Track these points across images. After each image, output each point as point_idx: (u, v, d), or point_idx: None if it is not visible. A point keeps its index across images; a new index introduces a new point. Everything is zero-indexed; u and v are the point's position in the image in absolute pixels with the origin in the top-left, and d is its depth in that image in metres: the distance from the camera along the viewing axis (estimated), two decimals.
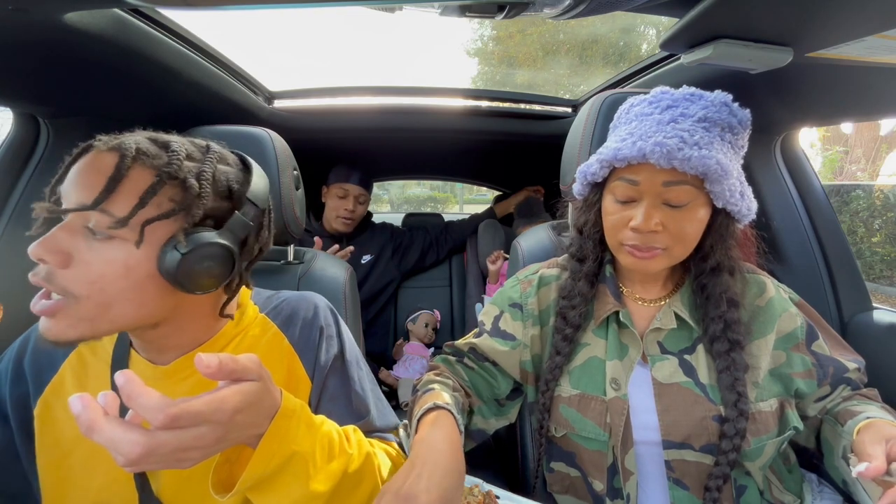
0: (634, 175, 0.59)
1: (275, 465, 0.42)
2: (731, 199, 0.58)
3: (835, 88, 0.80)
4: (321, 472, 0.45)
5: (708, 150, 0.55)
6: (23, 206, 0.85)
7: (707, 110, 0.58)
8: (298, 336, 0.61)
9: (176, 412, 0.34)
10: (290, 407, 0.45)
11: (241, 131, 0.87)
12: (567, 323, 0.69)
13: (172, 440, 0.35)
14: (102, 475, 0.51)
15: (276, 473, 0.43)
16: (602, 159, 0.62)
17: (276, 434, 0.42)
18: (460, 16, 0.59)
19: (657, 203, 0.59)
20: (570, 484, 0.71)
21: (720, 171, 0.55)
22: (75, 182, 0.45)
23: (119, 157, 0.45)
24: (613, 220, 0.63)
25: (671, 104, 0.60)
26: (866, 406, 0.62)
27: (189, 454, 0.36)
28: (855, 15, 0.52)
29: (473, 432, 0.72)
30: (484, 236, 1.84)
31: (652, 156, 0.56)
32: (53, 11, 0.58)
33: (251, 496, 0.44)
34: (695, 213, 0.59)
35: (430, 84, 2.49)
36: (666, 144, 0.55)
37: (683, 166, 0.55)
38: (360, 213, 1.65)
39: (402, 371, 1.61)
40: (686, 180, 0.57)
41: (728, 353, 0.62)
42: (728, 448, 0.59)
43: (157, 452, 0.34)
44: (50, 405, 0.53)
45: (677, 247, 0.60)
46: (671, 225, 0.59)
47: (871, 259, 5.65)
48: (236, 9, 0.54)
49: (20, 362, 0.55)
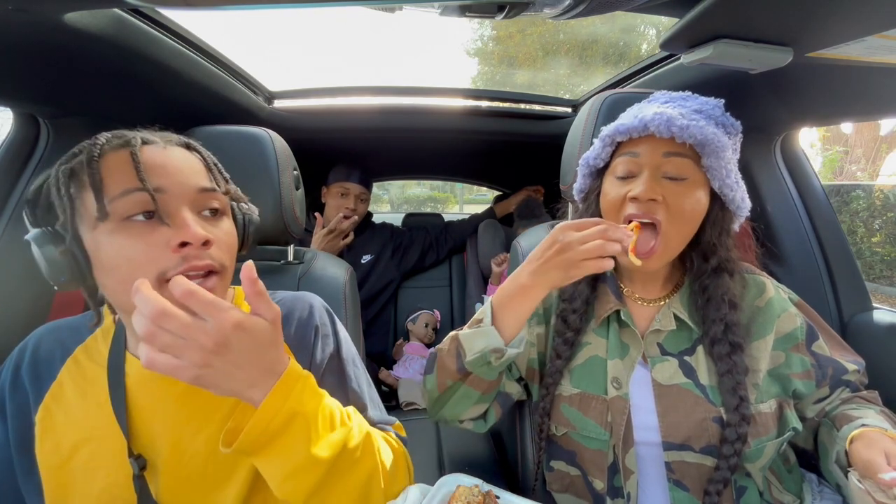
0: (635, 147, 0.63)
1: (279, 422, 0.44)
2: (727, 179, 0.59)
3: (835, 88, 0.80)
4: (322, 439, 0.46)
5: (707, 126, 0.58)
6: (23, 206, 0.85)
7: (701, 105, 0.62)
8: (294, 335, 0.61)
9: (191, 287, 0.40)
10: (297, 370, 0.47)
11: (241, 131, 0.87)
12: (568, 326, 0.70)
13: (175, 314, 0.39)
14: (103, 479, 0.51)
15: (280, 432, 0.44)
16: (604, 136, 0.66)
17: (281, 391, 0.44)
18: (460, 16, 0.59)
19: (657, 175, 0.61)
20: (570, 483, 0.71)
21: (717, 142, 0.57)
22: (170, 172, 0.49)
23: (188, 148, 0.53)
24: (612, 197, 0.64)
25: (668, 100, 0.65)
26: (864, 411, 0.62)
27: (189, 347, 0.39)
28: (855, 15, 0.52)
29: (500, 395, 0.73)
30: (484, 236, 1.84)
31: (652, 123, 0.59)
32: (53, 11, 0.58)
33: (255, 461, 0.46)
34: (693, 190, 0.60)
35: (430, 84, 2.48)
36: (666, 113, 0.59)
37: (682, 134, 0.58)
38: (361, 211, 1.65)
39: (402, 371, 1.61)
40: (685, 152, 0.60)
41: (729, 355, 0.62)
42: (729, 453, 0.59)
43: (163, 318, 0.38)
44: (51, 411, 0.53)
45: (673, 228, 0.60)
46: (670, 199, 0.60)
47: (871, 259, 5.65)
48: (236, 9, 0.54)
49: (18, 371, 0.55)
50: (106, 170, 0.46)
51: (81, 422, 0.52)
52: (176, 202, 0.48)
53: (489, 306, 0.63)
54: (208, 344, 0.40)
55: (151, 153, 0.49)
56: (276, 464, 0.45)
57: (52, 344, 0.56)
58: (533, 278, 0.59)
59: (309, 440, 0.45)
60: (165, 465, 0.52)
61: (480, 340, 0.61)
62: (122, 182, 0.46)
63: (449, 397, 0.68)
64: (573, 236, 0.56)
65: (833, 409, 0.65)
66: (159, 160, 0.49)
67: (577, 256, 0.55)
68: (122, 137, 0.49)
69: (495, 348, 0.60)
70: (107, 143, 0.48)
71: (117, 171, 0.46)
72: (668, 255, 0.63)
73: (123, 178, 0.46)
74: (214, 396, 0.52)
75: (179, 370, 0.40)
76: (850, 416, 0.61)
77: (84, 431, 0.52)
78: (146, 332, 0.39)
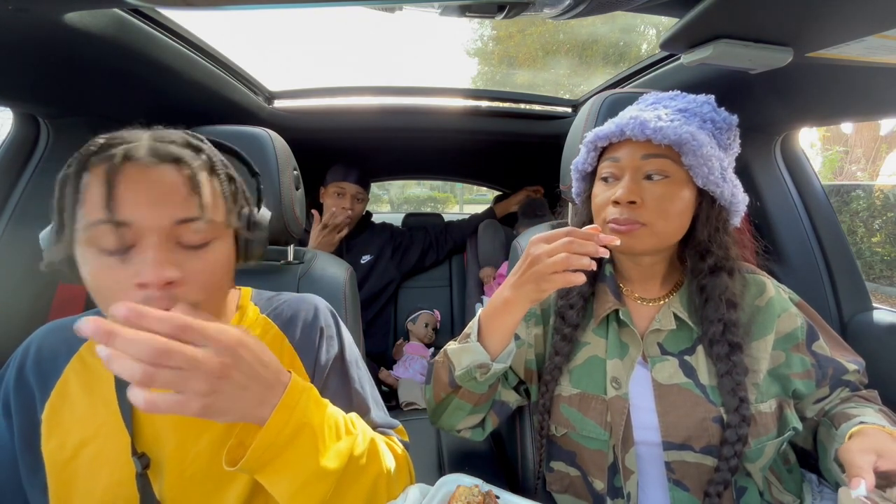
0: (616, 153, 0.64)
1: (286, 435, 0.43)
2: (710, 177, 0.59)
3: (835, 88, 0.80)
4: (329, 449, 0.46)
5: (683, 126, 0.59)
6: (23, 206, 0.85)
7: (688, 104, 0.63)
8: (299, 337, 0.61)
9: (185, 321, 0.37)
10: (300, 383, 0.46)
11: (241, 131, 0.87)
12: (566, 323, 0.70)
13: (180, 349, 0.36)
14: (107, 477, 0.51)
15: (287, 445, 0.43)
16: (586, 142, 0.67)
17: (287, 404, 0.44)
18: (460, 16, 0.59)
19: (638, 178, 0.62)
20: (570, 483, 0.71)
21: (692, 140, 0.57)
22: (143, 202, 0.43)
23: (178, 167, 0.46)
24: (598, 200, 0.65)
25: (655, 101, 0.66)
26: (863, 409, 0.62)
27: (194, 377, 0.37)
28: (855, 15, 0.52)
29: (497, 403, 0.73)
30: (484, 236, 1.84)
31: (627, 127, 0.61)
32: (53, 11, 0.58)
33: (261, 478, 0.44)
34: (675, 188, 0.61)
35: (430, 84, 2.49)
36: (639, 117, 0.60)
37: (657, 136, 0.59)
38: (358, 211, 1.65)
39: (402, 371, 1.61)
40: (663, 153, 0.60)
41: (728, 356, 0.62)
42: (730, 454, 0.59)
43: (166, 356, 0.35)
44: (57, 409, 0.53)
45: (659, 223, 0.61)
46: (651, 200, 0.60)
47: (871, 259, 5.65)
48: (236, 9, 0.55)
49: (22, 370, 0.55)
50: (88, 186, 0.44)
51: (87, 419, 0.52)
52: (146, 236, 0.44)
53: (477, 321, 0.64)
54: (214, 369, 0.38)
55: (129, 174, 0.44)
56: (285, 478, 0.44)
57: (56, 342, 0.56)
58: (513, 292, 0.59)
59: (317, 451, 0.45)
60: (169, 464, 0.52)
61: (467, 357, 0.62)
62: (94, 208, 0.43)
63: (444, 408, 0.69)
64: (541, 248, 0.56)
65: (832, 408, 0.66)
66: (133, 186, 0.44)
67: (546, 270, 0.54)
68: (109, 148, 0.45)
69: (481, 364, 0.60)
70: (95, 154, 0.45)
71: (95, 190, 0.43)
72: (654, 240, 0.62)
73: (96, 202, 0.43)
74: None
75: (186, 406, 0.37)
76: (848, 415, 0.61)
77: (90, 429, 0.52)
78: (143, 377, 0.34)
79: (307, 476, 0.45)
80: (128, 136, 0.47)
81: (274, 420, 0.42)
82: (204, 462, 0.52)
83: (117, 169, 0.43)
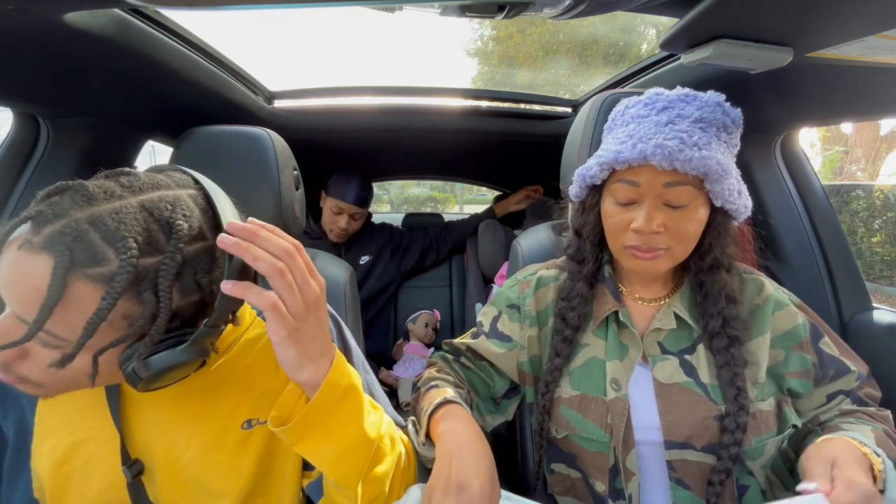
0: (635, 177, 0.59)
1: (339, 394, 0.46)
2: (729, 197, 0.59)
3: (835, 88, 0.80)
4: (368, 417, 0.48)
5: (707, 150, 0.56)
6: (23, 206, 0.85)
7: (702, 111, 0.59)
8: None
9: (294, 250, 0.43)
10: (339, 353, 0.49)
11: (241, 131, 0.87)
12: (566, 324, 0.69)
13: (304, 258, 0.43)
14: (100, 481, 0.51)
15: (339, 403, 0.46)
16: (602, 162, 0.62)
17: (339, 365, 0.47)
18: (460, 16, 0.59)
19: (658, 204, 0.59)
20: (572, 485, 0.70)
21: (720, 171, 0.56)
22: (6, 282, 0.38)
23: (53, 266, 0.36)
24: (615, 222, 0.63)
25: (667, 105, 0.60)
26: (860, 427, 0.59)
27: (296, 299, 0.42)
28: (855, 15, 0.52)
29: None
30: (484, 236, 1.84)
31: (653, 158, 0.56)
32: (53, 11, 0.58)
33: (308, 443, 0.45)
34: (695, 213, 0.59)
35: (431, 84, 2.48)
36: (667, 146, 0.55)
37: (685, 167, 0.55)
38: (353, 228, 1.67)
39: (402, 371, 1.61)
40: (687, 181, 0.57)
41: (727, 349, 0.62)
42: (729, 442, 0.59)
43: (293, 259, 0.42)
44: (48, 412, 0.52)
45: (679, 246, 0.61)
46: (672, 225, 0.59)
47: (871, 259, 5.64)
48: (236, 9, 0.54)
49: None
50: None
51: (78, 423, 0.52)
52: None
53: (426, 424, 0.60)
54: (311, 300, 0.42)
55: (15, 258, 0.38)
56: (331, 441, 0.46)
57: None
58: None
59: (361, 416, 0.47)
60: (160, 470, 0.52)
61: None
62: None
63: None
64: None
65: (829, 418, 0.65)
66: (11, 268, 0.38)
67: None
68: (17, 221, 0.39)
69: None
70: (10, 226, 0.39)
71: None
72: (673, 262, 0.63)
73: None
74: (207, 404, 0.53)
75: (285, 320, 0.41)
76: (840, 429, 0.60)
77: (81, 433, 0.52)
78: (278, 267, 0.40)
79: (352, 440, 0.46)
80: (32, 212, 0.39)
81: (332, 375, 0.45)
82: (195, 469, 0.52)
83: (5, 247, 0.39)
